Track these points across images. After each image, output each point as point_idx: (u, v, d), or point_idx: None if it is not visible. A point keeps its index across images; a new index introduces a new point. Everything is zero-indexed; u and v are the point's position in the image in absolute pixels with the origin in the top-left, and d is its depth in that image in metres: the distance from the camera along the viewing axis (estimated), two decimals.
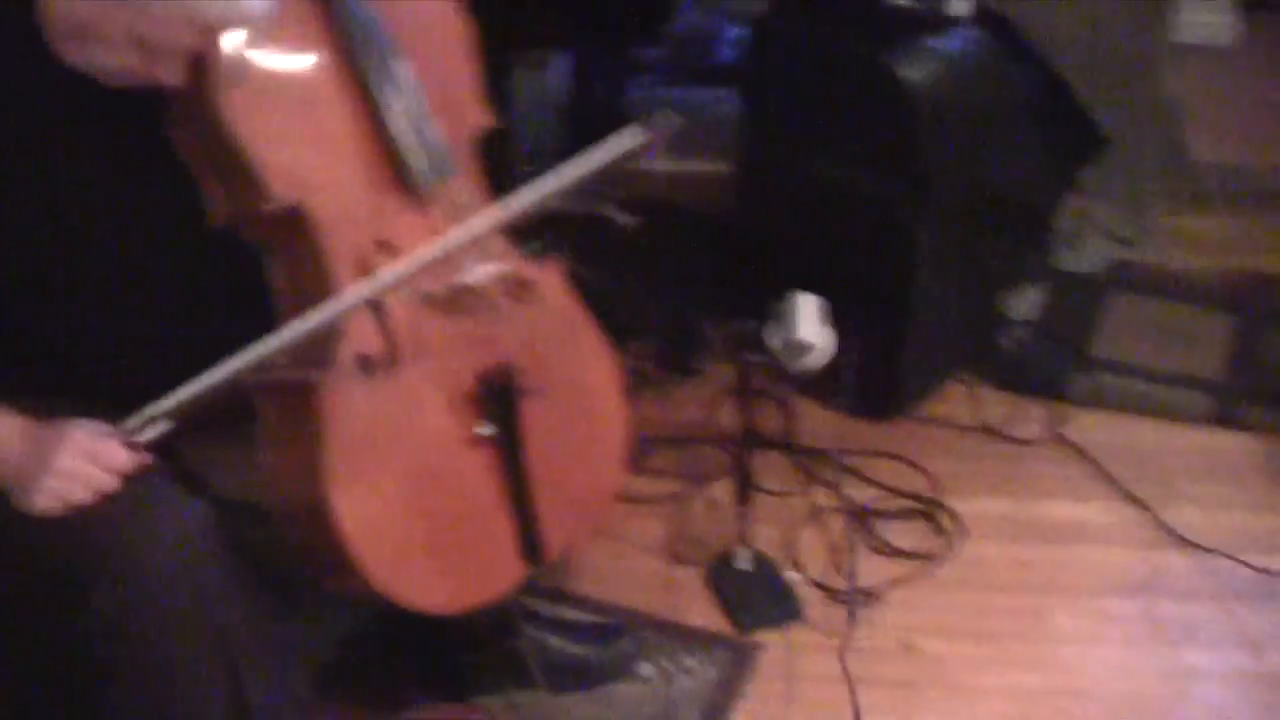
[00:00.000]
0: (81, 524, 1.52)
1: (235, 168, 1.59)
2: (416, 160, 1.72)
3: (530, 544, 1.81)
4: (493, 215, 1.66)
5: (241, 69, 1.58)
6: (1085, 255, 3.10)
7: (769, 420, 2.61)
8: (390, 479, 1.69)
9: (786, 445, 2.62)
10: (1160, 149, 3.16)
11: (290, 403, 1.64)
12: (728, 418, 2.68)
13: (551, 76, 3.20)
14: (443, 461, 1.75)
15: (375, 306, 1.65)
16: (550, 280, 1.85)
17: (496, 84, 2.82)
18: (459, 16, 1.84)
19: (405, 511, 1.71)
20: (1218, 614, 2.28)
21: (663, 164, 3.42)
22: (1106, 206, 3.12)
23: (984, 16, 2.56)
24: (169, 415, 1.54)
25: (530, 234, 1.80)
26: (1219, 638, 2.24)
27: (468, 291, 1.75)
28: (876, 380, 2.61)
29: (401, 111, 1.70)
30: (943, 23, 2.49)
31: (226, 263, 1.68)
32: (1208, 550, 2.40)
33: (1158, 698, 2.14)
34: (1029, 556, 2.41)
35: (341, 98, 1.68)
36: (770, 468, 2.53)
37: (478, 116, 1.83)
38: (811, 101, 2.63)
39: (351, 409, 1.64)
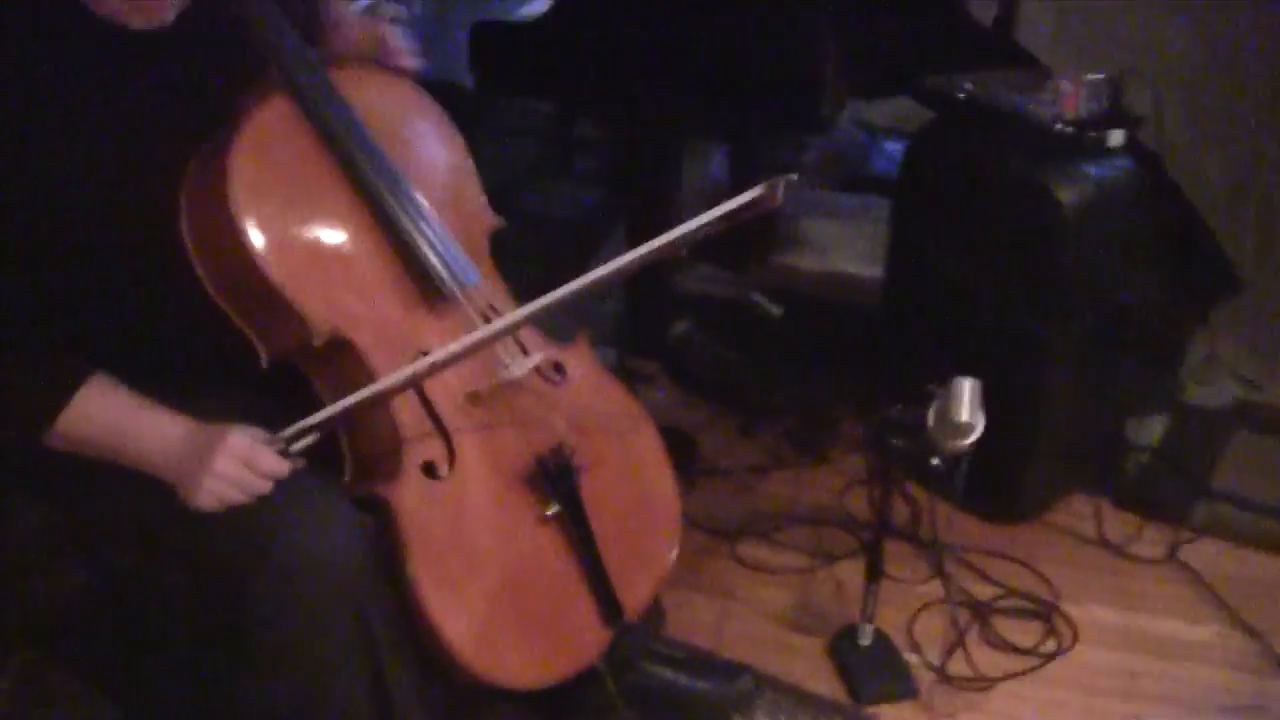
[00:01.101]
0: (243, 519, 1.62)
1: (278, 313, 1.68)
2: (442, 276, 1.79)
3: (609, 608, 1.87)
4: (545, 301, 1.67)
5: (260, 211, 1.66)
6: (1212, 391, 3.18)
7: (897, 511, 2.70)
8: (474, 574, 1.75)
9: (915, 536, 2.71)
10: None
11: (376, 522, 1.71)
12: (854, 504, 2.80)
13: (714, 168, 3.36)
14: (518, 547, 1.81)
15: (431, 414, 1.74)
16: (579, 356, 1.92)
17: (664, 172, 3.01)
18: (455, 134, 1.92)
19: (494, 602, 1.77)
20: None
21: (812, 263, 3.56)
22: (1235, 347, 3.20)
23: (1136, 149, 2.66)
24: (316, 428, 1.66)
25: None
26: None
27: (511, 385, 1.81)
28: (1002, 483, 2.69)
29: (421, 234, 1.77)
30: (1097, 151, 2.60)
31: None
32: None
33: None
34: (1137, 667, 2.46)
35: (361, 230, 1.75)
36: (895, 555, 2.60)
37: (486, 221, 1.93)
38: (961, 212, 2.75)
39: (426, 514, 1.71)
